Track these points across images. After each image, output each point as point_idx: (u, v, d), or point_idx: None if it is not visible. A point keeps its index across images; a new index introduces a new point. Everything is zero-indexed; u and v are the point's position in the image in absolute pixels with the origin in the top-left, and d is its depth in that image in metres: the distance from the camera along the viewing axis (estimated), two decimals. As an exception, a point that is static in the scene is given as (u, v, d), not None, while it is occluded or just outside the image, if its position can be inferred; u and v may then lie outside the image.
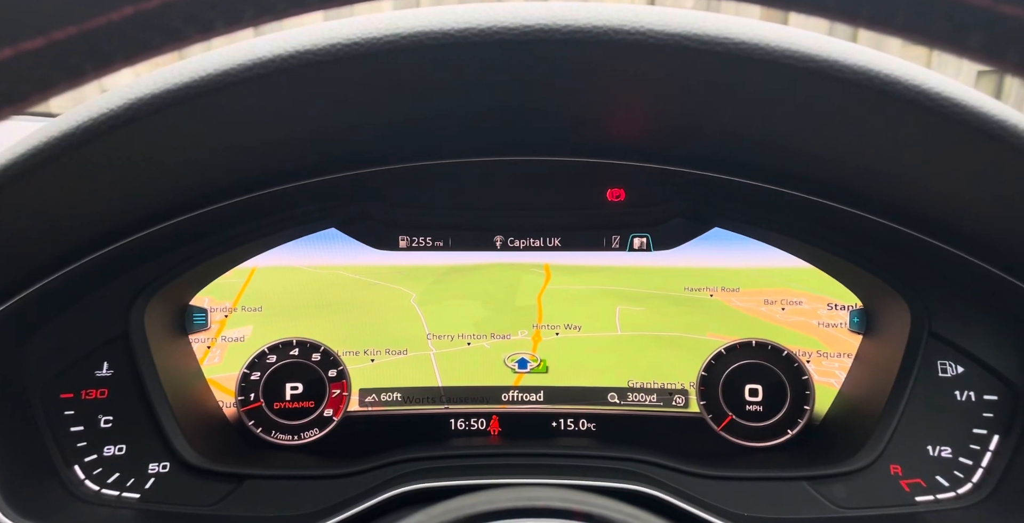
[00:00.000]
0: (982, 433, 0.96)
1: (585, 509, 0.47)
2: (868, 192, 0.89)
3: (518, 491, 0.48)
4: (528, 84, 0.69)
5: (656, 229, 1.14)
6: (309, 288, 1.13)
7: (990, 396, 0.97)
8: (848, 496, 0.96)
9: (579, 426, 1.16)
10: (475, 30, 0.52)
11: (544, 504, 0.47)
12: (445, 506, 0.47)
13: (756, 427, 1.13)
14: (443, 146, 0.96)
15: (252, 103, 0.65)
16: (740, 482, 0.98)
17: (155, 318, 1.03)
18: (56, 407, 0.96)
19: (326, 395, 1.14)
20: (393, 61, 0.55)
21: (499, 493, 0.48)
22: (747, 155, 0.89)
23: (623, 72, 0.61)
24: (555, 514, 0.47)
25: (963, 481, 0.96)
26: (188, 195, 0.90)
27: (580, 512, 0.47)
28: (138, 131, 0.63)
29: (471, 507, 0.46)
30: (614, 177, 1.08)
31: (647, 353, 1.15)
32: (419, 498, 0.88)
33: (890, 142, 0.69)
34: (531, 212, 1.11)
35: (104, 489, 0.96)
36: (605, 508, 0.47)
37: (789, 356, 1.13)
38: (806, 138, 0.76)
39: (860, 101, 0.57)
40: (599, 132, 0.90)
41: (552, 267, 1.15)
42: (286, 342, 1.14)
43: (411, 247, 1.14)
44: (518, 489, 0.49)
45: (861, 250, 1.02)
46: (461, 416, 1.15)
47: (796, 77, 0.54)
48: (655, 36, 0.51)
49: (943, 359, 1.00)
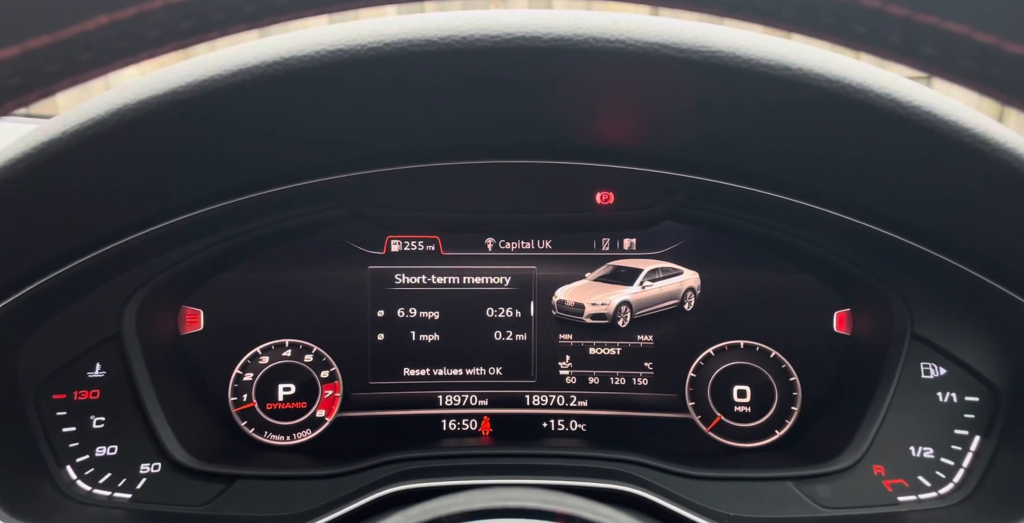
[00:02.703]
0: (963, 434, 0.98)
1: (559, 509, 0.48)
2: (853, 197, 0.90)
3: (494, 492, 0.49)
4: (514, 89, 0.70)
5: (644, 232, 1.15)
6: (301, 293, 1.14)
7: (971, 397, 0.99)
8: (832, 496, 0.97)
9: (569, 426, 1.17)
10: (457, 38, 0.53)
11: (518, 504, 0.48)
12: (423, 507, 0.48)
13: (744, 428, 1.14)
14: (434, 149, 0.97)
15: (239, 109, 0.66)
16: (726, 482, 0.99)
17: (148, 320, 1.03)
18: (48, 408, 0.97)
19: (318, 396, 1.15)
20: (378, 68, 0.56)
21: (475, 494, 0.49)
22: (732, 159, 0.91)
23: (606, 78, 0.62)
24: (529, 514, 0.48)
25: (944, 481, 0.97)
26: (180, 199, 0.91)
27: (554, 512, 0.48)
28: (126, 138, 0.64)
29: (447, 507, 0.47)
30: (603, 180, 1.09)
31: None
32: (409, 498, 0.89)
33: (869, 147, 0.70)
34: (522, 215, 1.12)
35: (96, 489, 0.97)
36: (579, 508, 0.48)
37: (776, 358, 1.15)
38: (787, 142, 0.78)
39: (836, 108, 0.58)
40: (587, 136, 0.91)
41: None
42: (278, 344, 1.15)
43: (402, 250, 1.15)
44: (494, 490, 0.50)
45: (846, 253, 1.03)
46: (452, 417, 1.16)
47: (772, 85, 0.55)
48: (635, 45, 0.52)
49: (926, 361, 1.01)
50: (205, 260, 1.05)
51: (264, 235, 1.07)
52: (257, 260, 1.12)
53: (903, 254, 0.93)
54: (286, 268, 1.13)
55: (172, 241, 0.99)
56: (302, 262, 1.13)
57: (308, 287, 1.14)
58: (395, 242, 1.15)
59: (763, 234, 1.07)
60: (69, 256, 0.87)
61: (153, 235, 0.92)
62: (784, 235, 1.05)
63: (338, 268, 1.14)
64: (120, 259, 0.93)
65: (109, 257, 0.90)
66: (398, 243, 1.15)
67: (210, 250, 1.04)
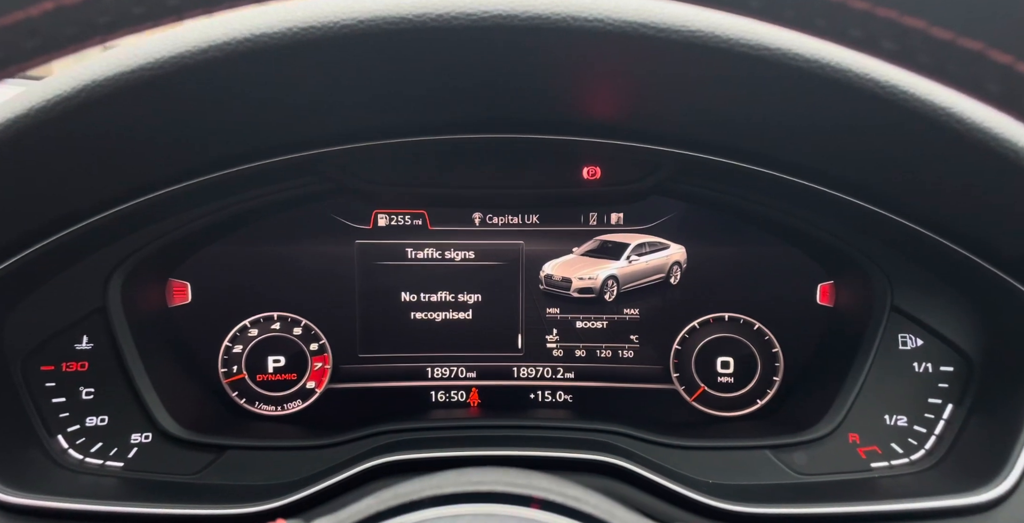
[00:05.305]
0: (937, 403, 1.01)
1: (532, 493, 0.50)
2: (834, 171, 0.90)
3: (468, 475, 0.50)
4: (495, 65, 0.69)
5: (631, 206, 1.15)
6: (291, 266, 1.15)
7: (946, 367, 1.01)
8: (808, 463, 1.00)
9: (556, 398, 1.20)
10: (433, 16, 0.52)
11: (488, 488, 0.49)
12: (395, 490, 0.49)
13: (727, 398, 1.17)
14: (419, 123, 0.96)
15: (217, 83, 0.65)
16: (707, 451, 1.02)
17: (133, 293, 1.04)
18: (37, 379, 0.97)
19: (308, 368, 1.16)
20: (354, 45, 0.56)
21: (448, 476, 0.50)
22: (716, 134, 0.91)
23: (586, 56, 0.62)
24: (503, 499, 0.49)
25: (916, 448, 1.00)
26: (166, 171, 0.90)
27: (527, 496, 0.50)
28: (108, 110, 0.63)
29: (419, 492, 0.48)
30: (589, 155, 1.09)
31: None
32: (397, 469, 0.91)
33: (848, 124, 0.70)
34: (509, 190, 1.12)
35: (88, 458, 0.99)
36: (548, 491, 0.50)
37: (760, 330, 1.17)
38: (769, 118, 0.78)
39: (816, 86, 0.58)
40: (572, 111, 0.91)
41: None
42: (267, 316, 1.15)
43: (389, 224, 1.15)
44: (468, 473, 0.51)
45: (829, 227, 1.04)
46: (441, 388, 1.18)
47: (752, 64, 0.55)
48: (612, 23, 0.52)
49: (904, 332, 1.03)
50: (191, 234, 1.05)
51: (250, 209, 1.07)
52: (244, 234, 1.12)
53: (884, 228, 0.94)
54: (273, 242, 1.13)
55: (157, 214, 0.98)
56: (290, 236, 1.13)
57: (296, 261, 1.14)
58: (382, 216, 1.15)
59: (749, 209, 1.08)
60: (52, 229, 0.87)
61: (137, 208, 0.92)
62: (769, 209, 1.06)
63: (325, 242, 1.14)
64: (104, 232, 0.93)
65: (93, 230, 0.90)
66: (385, 217, 1.15)
67: (195, 224, 1.03)
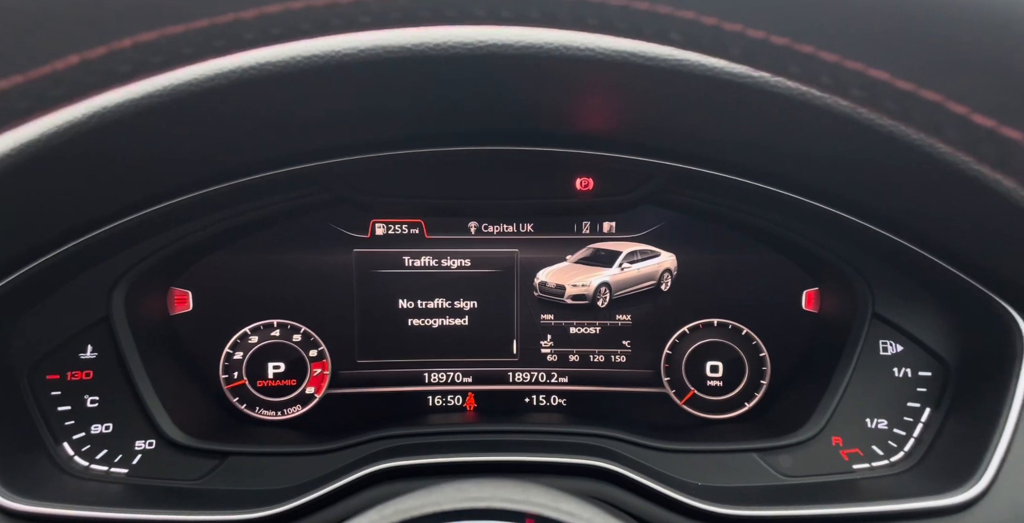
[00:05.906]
0: (915, 406, 1.04)
1: (528, 509, 0.52)
2: (819, 185, 0.94)
3: (467, 490, 0.53)
4: (491, 85, 0.72)
5: (623, 216, 1.18)
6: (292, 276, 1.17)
7: (924, 372, 1.05)
8: (793, 465, 1.04)
9: (550, 402, 1.23)
10: (431, 45, 0.55)
11: (486, 505, 0.51)
12: (396, 505, 0.52)
13: (716, 401, 1.20)
14: (416, 136, 0.99)
15: (223, 104, 0.67)
16: (696, 455, 1.05)
17: (137, 302, 1.06)
18: (43, 387, 0.99)
19: (307, 374, 1.19)
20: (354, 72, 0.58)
21: (447, 492, 0.53)
22: (706, 148, 0.94)
23: (579, 80, 0.65)
24: (499, 515, 0.52)
25: (896, 450, 1.04)
26: (170, 184, 0.92)
27: (523, 512, 0.52)
28: (117, 132, 0.65)
29: (419, 508, 0.51)
30: (582, 167, 1.12)
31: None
32: (396, 475, 0.94)
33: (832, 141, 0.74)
34: (504, 200, 1.15)
35: (93, 464, 1.01)
36: (543, 507, 0.52)
37: (748, 335, 1.20)
38: (756, 135, 0.81)
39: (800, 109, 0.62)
40: (565, 125, 0.93)
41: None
42: (267, 324, 1.18)
43: (387, 233, 1.18)
44: (467, 488, 0.53)
45: (815, 236, 1.07)
46: (438, 393, 1.21)
47: (738, 89, 0.58)
48: (603, 53, 0.55)
49: (885, 338, 1.07)
50: (193, 243, 1.07)
51: (251, 219, 1.09)
52: (245, 243, 1.14)
53: (866, 237, 0.98)
54: (273, 251, 1.16)
55: (161, 226, 1.00)
56: (289, 245, 1.15)
57: (295, 269, 1.16)
58: (379, 226, 1.18)
59: (737, 218, 1.11)
60: (58, 241, 0.89)
61: (142, 220, 0.94)
62: (757, 219, 1.09)
63: (324, 251, 1.17)
64: (108, 244, 0.95)
65: (98, 242, 0.92)
66: (382, 227, 1.18)
67: (197, 234, 1.06)
